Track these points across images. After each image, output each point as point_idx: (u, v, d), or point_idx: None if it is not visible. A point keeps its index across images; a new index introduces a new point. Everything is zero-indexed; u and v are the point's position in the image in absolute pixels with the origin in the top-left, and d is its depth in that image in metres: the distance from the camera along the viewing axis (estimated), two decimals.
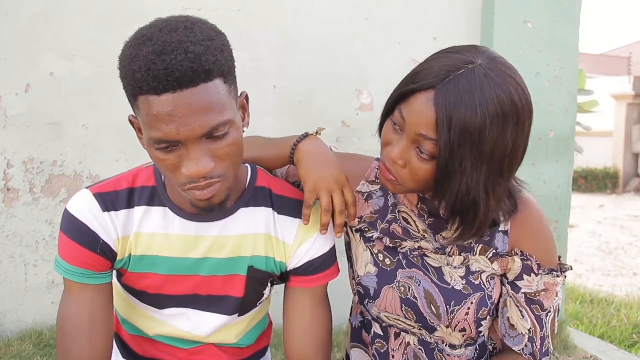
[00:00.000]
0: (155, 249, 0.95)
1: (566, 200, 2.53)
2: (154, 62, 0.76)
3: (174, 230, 0.95)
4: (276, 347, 2.02)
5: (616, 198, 11.34)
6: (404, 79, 0.92)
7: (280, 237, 1.01)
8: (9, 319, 2.25)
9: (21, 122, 2.19)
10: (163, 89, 0.76)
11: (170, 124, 0.77)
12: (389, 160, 0.92)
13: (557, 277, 0.98)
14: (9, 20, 2.15)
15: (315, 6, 2.39)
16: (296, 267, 1.02)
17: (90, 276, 0.93)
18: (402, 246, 1.03)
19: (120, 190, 0.94)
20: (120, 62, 0.81)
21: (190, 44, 0.77)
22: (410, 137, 0.88)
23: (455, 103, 0.82)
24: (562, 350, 2.41)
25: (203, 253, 0.97)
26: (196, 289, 0.99)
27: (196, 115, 0.77)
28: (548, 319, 1.00)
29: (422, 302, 1.00)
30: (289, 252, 1.01)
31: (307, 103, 2.41)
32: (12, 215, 2.23)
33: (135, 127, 0.88)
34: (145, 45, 0.77)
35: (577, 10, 2.47)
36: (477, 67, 0.84)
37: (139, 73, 0.76)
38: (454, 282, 0.99)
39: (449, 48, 0.91)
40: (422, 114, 0.85)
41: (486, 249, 0.99)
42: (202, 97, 0.77)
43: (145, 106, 0.78)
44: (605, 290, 3.94)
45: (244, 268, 0.99)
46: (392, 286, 1.02)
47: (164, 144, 0.80)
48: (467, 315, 0.98)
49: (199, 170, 0.80)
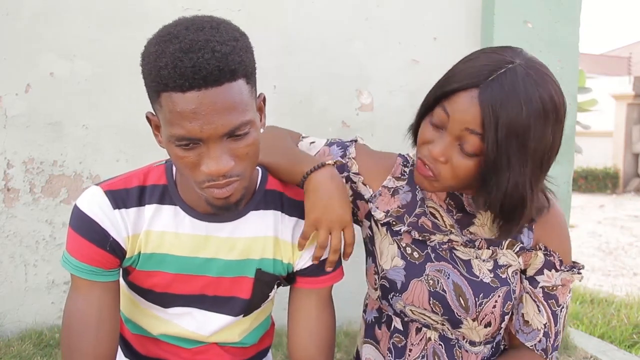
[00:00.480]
0: (165, 247, 0.96)
1: (566, 200, 2.52)
2: (180, 59, 0.76)
3: (184, 229, 0.96)
4: (276, 347, 2.02)
5: (616, 198, 11.34)
6: (441, 80, 0.94)
7: (287, 238, 1.01)
8: (9, 319, 2.24)
9: (21, 122, 2.19)
10: (189, 87, 0.76)
11: (194, 122, 0.77)
12: (429, 158, 0.94)
13: (575, 274, 1.02)
14: (9, 20, 2.15)
15: (315, 6, 2.39)
16: (303, 267, 1.02)
17: (99, 273, 0.93)
18: (430, 239, 1.05)
19: (130, 188, 0.95)
20: (144, 58, 0.81)
21: (216, 43, 0.78)
22: (453, 133, 0.90)
23: (501, 101, 0.85)
24: (562, 350, 2.41)
25: (212, 253, 0.97)
26: (203, 289, 0.99)
27: (220, 113, 0.78)
28: (562, 314, 1.03)
29: (451, 295, 1.01)
30: (295, 254, 1.02)
31: (307, 103, 2.41)
32: (12, 215, 2.23)
33: (152, 124, 0.89)
34: (172, 43, 0.78)
35: (577, 10, 2.47)
36: (517, 66, 0.88)
37: (165, 70, 0.77)
38: (483, 274, 1.01)
39: (484, 49, 0.95)
40: (467, 110, 0.88)
41: (513, 242, 1.02)
42: (227, 96, 0.78)
43: (168, 103, 0.78)
44: (605, 290, 3.94)
45: (252, 270, 0.99)
46: (421, 279, 1.03)
47: (185, 141, 0.80)
48: (494, 308, 1.00)
49: (219, 168, 0.81)
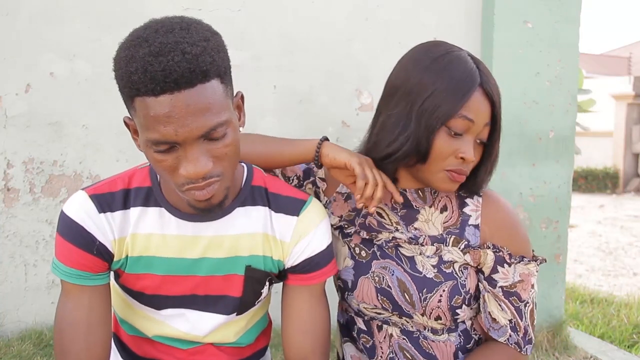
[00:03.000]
0: (152, 249, 0.95)
1: (566, 200, 2.53)
2: (150, 63, 0.75)
3: (170, 231, 0.95)
4: (276, 347, 2.02)
5: (616, 198, 11.35)
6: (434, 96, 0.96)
7: (277, 235, 1.01)
8: (9, 319, 2.25)
9: (21, 122, 2.20)
10: (160, 90, 0.75)
11: (168, 125, 0.77)
12: (463, 164, 0.99)
13: (529, 265, 1.03)
14: (9, 20, 2.15)
15: (315, 6, 2.39)
16: (294, 264, 1.02)
17: (87, 277, 0.93)
18: (377, 238, 1.08)
19: (115, 192, 0.94)
20: (115, 63, 0.80)
21: (186, 45, 0.77)
22: (475, 132, 0.98)
23: (496, 86, 0.99)
24: (562, 350, 2.41)
25: (200, 253, 0.96)
26: (194, 289, 0.99)
27: (194, 115, 0.77)
28: (527, 310, 1.05)
29: (396, 291, 1.04)
30: (286, 250, 1.01)
31: (307, 103, 2.41)
32: (12, 215, 2.23)
33: (130, 128, 0.88)
34: (141, 47, 0.77)
35: (577, 10, 2.47)
36: (467, 52, 1.00)
37: (136, 75, 0.76)
38: (426, 270, 1.04)
39: (432, 50, 1.00)
40: (484, 107, 0.97)
41: (458, 240, 1.04)
42: (200, 97, 0.77)
43: (142, 108, 0.77)
44: (605, 290, 3.94)
45: (242, 267, 0.99)
46: (367, 276, 1.07)
47: (162, 145, 0.79)
48: (440, 302, 1.02)
49: (197, 170, 0.80)
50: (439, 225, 1.06)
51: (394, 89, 1.02)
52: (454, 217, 1.06)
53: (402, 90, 1.00)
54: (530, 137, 2.45)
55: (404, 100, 0.99)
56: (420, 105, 0.97)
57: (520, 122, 2.42)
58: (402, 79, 1.00)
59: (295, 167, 1.16)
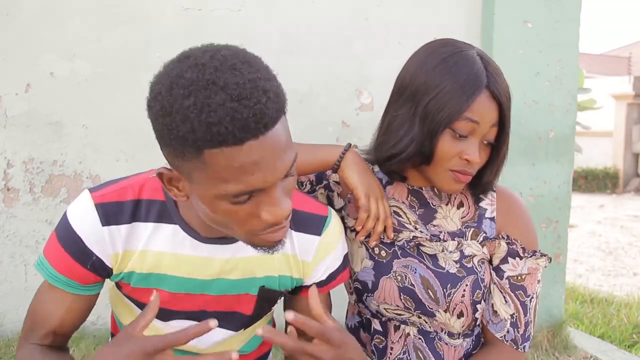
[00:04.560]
0: (164, 267, 0.91)
1: (566, 200, 2.53)
2: (236, 110, 0.65)
3: (184, 251, 0.90)
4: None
5: (616, 198, 11.35)
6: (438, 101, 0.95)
7: (297, 254, 0.97)
8: (9, 319, 2.24)
9: (21, 122, 2.19)
10: (246, 138, 0.67)
11: (256, 173, 0.69)
12: (468, 165, 0.97)
13: (539, 260, 1.04)
14: (9, 20, 2.15)
15: (315, 6, 2.39)
16: (314, 282, 1.00)
17: (75, 287, 0.89)
18: (398, 238, 1.07)
19: (124, 202, 0.88)
20: (170, 114, 0.68)
21: (262, 82, 0.69)
22: (481, 134, 0.96)
23: (505, 87, 0.96)
24: (562, 350, 2.41)
25: (214, 274, 0.92)
26: (204, 306, 0.96)
27: (279, 157, 0.71)
28: (532, 305, 1.05)
29: (419, 288, 1.04)
30: (307, 269, 0.98)
31: (307, 103, 2.41)
32: (12, 215, 2.23)
33: (164, 179, 0.77)
34: (212, 91, 0.66)
35: (577, 10, 2.47)
36: (477, 51, 0.97)
37: (220, 125, 0.65)
38: (448, 266, 1.04)
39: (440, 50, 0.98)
40: (491, 109, 0.95)
41: (477, 232, 1.05)
42: (280, 136, 0.71)
43: (219, 160, 0.67)
44: (605, 290, 3.94)
45: (256, 288, 0.96)
46: (389, 276, 1.06)
47: (243, 196, 0.71)
48: (464, 297, 1.03)
49: (283, 213, 0.74)
50: (457, 221, 1.06)
51: (401, 89, 1.01)
52: (471, 212, 1.07)
53: (409, 90, 0.99)
54: (530, 137, 2.45)
55: (410, 101, 0.98)
56: (424, 106, 0.96)
57: (520, 122, 2.42)
58: (408, 80, 1.00)
59: None
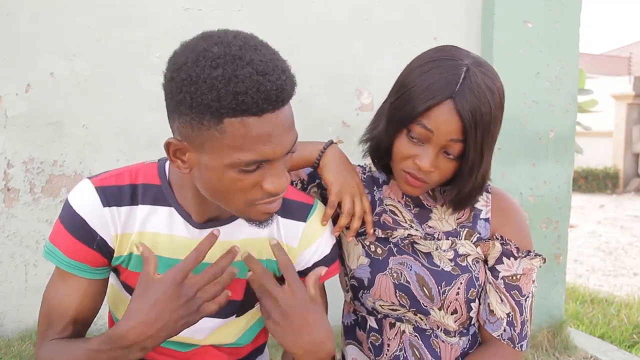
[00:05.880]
0: (159, 249, 0.95)
1: (566, 200, 2.53)
2: (261, 82, 0.74)
3: (178, 232, 0.95)
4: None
5: (616, 198, 11.35)
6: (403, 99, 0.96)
7: (283, 240, 1.00)
8: (9, 319, 2.25)
9: (21, 122, 2.20)
10: (266, 109, 0.75)
11: (268, 144, 0.77)
12: (419, 171, 0.97)
13: (533, 260, 1.05)
14: (9, 20, 2.15)
15: (315, 6, 2.39)
16: (301, 270, 1.02)
17: (86, 270, 0.93)
18: (393, 236, 1.08)
19: (122, 186, 0.93)
20: (201, 82, 0.74)
21: (280, 62, 0.78)
22: (439, 145, 0.94)
23: (476, 106, 0.91)
24: (562, 350, 2.41)
25: (207, 257, 0.94)
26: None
27: (288, 132, 0.80)
28: (527, 304, 1.06)
29: (415, 285, 1.05)
30: (293, 256, 1.01)
31: (307, 103, 2.41)
32: (12, 215, 2.23)
33: (170, 149, 0.82)
34: (239, 65, 0.74)
35: (577, 10, 2.47)
36: (471, 67, 0.93)
37: (246, 95, 0.73)
38: (443, 264, 1.05)
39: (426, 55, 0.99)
40: (449, 123, 0.91)
41: (471, 233, 1.06)
42: (289, 113, 0.80)
43: (239, 128, 0.75)
44: (605, 290, 3.95)
45: (245, 272, 0.98)
46: (385, 273, 1.07)
47: (252, 165, 0.79)
48: (458, 295, 1.04)
49: (283, 185, 0.82)
50: (453, 222, 1.07)
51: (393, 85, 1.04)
52: (466, 213, 1.08)
53: (393, 87, 1.02)
54: (530, 137, 2.45)
55: (390, 96, 1.02)
56: (391, 103, 0.99)
57: (520, 122, 2.43)
58: (397, 78, 1.02)
59: (300, 170, 1.16)
